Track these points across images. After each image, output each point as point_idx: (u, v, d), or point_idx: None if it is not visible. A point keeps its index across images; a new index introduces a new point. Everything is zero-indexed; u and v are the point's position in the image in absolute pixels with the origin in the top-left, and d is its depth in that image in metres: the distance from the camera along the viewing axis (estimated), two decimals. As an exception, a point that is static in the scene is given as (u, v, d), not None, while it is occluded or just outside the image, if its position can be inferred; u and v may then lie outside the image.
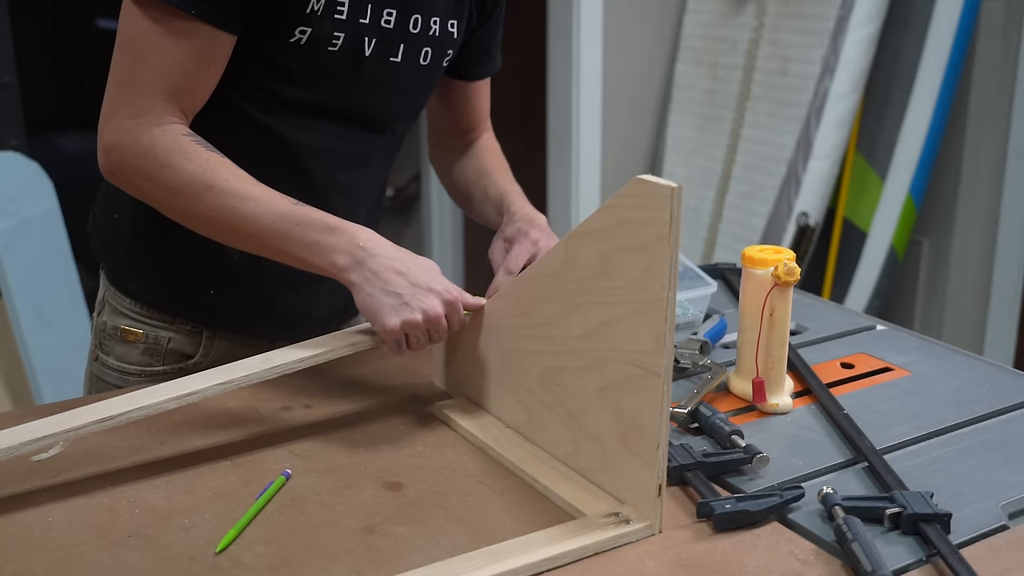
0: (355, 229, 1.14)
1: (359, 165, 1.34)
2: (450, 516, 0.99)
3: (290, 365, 1.11)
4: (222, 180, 1.13)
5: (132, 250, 1.33)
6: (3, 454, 0.98)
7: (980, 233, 2.93)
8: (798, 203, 2.83)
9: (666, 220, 0.90)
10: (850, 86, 2.77)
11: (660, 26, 3.24)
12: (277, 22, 1.16)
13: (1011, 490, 1.02)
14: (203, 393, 1.06)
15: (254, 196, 1.13)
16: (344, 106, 1.27)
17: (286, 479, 1.05)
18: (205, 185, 1.13)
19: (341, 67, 1.22)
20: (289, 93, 1.22)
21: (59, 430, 1.01)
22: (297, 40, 1.18)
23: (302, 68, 1.20)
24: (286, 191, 1.17)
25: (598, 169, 3.25)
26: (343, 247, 1.12)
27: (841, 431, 1.14)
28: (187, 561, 0.91)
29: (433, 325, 1.12)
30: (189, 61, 1.14)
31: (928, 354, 1.37)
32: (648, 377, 0.94)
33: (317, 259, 1.13)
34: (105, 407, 1.04)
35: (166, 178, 1.13)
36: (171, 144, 1.14)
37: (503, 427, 1.15)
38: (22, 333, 2.55)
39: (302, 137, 1.26)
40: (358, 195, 1.36)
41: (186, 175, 1.13)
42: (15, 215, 2.59)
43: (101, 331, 1.37)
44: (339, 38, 1.20)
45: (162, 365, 1.34)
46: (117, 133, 1.15)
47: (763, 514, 0.97)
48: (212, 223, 1.15)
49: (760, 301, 1.18)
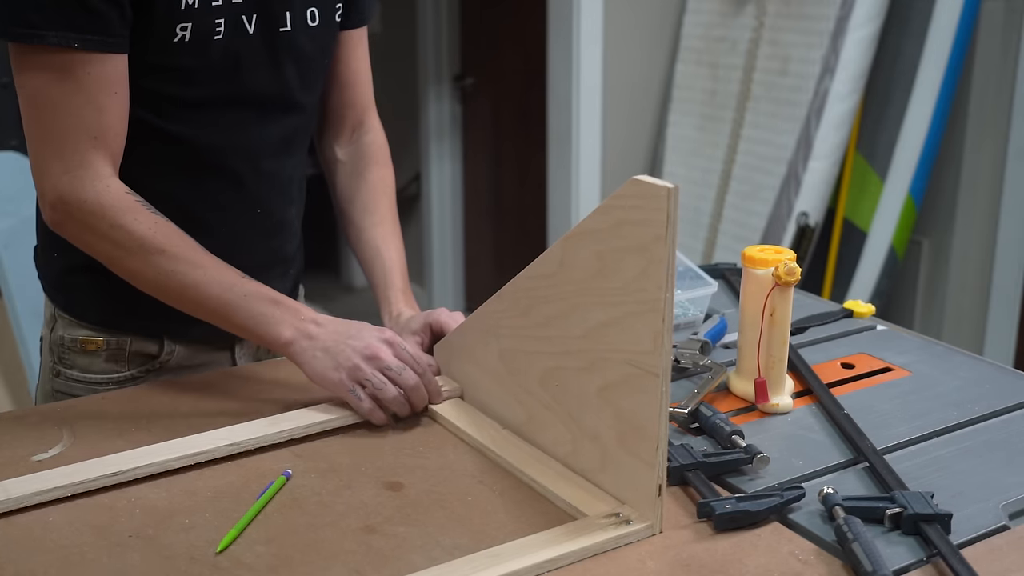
0: (298, 304, 1.19)
1: (282, 150, 1.32)
2: (450, 516, 0.99)
3: (297, 431, 1.14)
4: (173, 245, 1.15)
5: (75, 288, 1.33)
6: (14, 503, 0.99)
7: (980, 233, 2.93)
8: (798, 203, 2.83)
9: (663, 221, 0.90)
10: (850, 86, 2.77)
11: (660, 26, 3.24)
12: (156, 26, 1.15)
13: (1011, 490, 1.02)
14: (211, 453, 1.09)
15: (204, 264, 1.16)
16: (248, 92, 1.25)
17: (286, 479, 1.05)
18: (156, 249, 1.15)
19: (232, 53, 1.21)
20: (188, 94, 1.21)
21: (70, 482, 1.02)
22: (181, 39, 1.17)
23: (192, 65, 1.19)
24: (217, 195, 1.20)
25: (598, 169, 3.25)
26: (287, 320, 1.16)
27: (841, 431, 1.14)
28: (187, 561, 0.91)
29: (376, 363, 1.14)
30: (95, 95, 1.13)
31: (928, 354, 1.37)
32: (646, 377, 0.94)
33: (262, 331, 1.17)
34: (117, 461, 1.06)
35: (116, 237, 1.15)
36: (117, 203, 1.15)
37: (503, 427, 1.15)
38: (22, 333, 2.55)
39: (217, 137, 1.25)
40: (285, 180, 1.35)
41: (137, 236, 1.15)
42: (15, 215, 2.59)
43: (59, 346, 1.34)
44: (220, 24, 1.18)
45: (128, 370, 1.33)
46: (58, 189, 1.16)
47: (763, 514, 0.97)
48: (159, 287, 1.18)
49: (760, 301, 1.18)
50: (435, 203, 4.30)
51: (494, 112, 4.07)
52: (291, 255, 1.42)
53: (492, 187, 4.16)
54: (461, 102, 4.21)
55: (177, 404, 1.22)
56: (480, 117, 4.15)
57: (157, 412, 1.20)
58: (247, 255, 1.22)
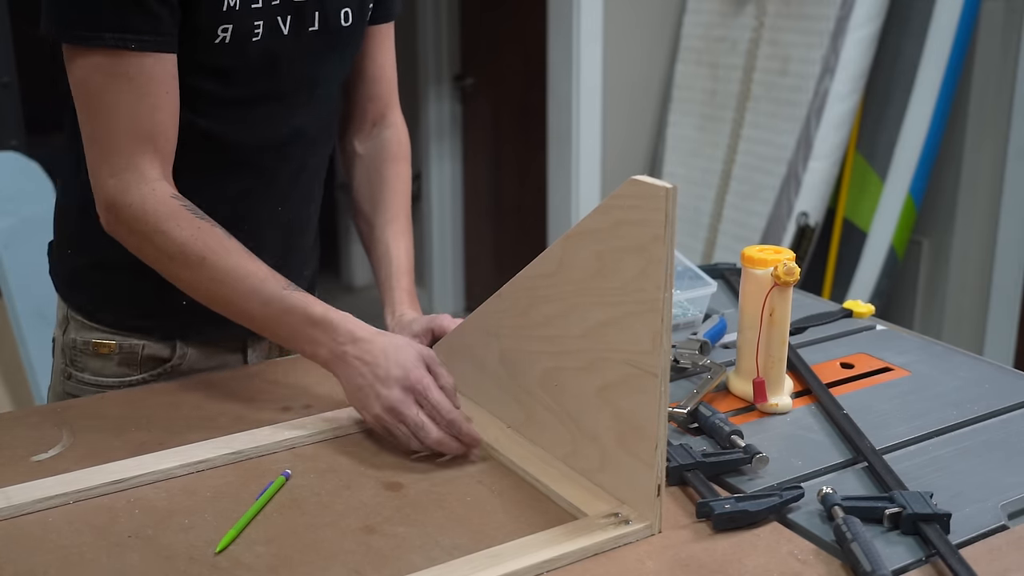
0: (336, 322, 1.14)
1: (306, 147, 1.33)
2: (450, 516, 0.99)
3: (302, 438, 1.14)
4: (213, 253, 1.14)
5: (89, 285, 1.33)
6: (16, 510, 0.99)
7: (980, 233, 2.93)
8: (798, 203, 2.84)
9: (661, 221, 0.90)
10: (850, 86, 2.77)
11: (660, 26, 3.24)
12: (200, 26, 1.16)
13: (1011, 490, 1.02)
14: (213, 462, 1.09)
15: (245, 274, 1.14)
16: (279, 90, 1.25)
17: (286, 479, 1.05)
18: (198, 257, 1.14)
19: (268, 54, 1.21)
20: (225, 93, 1.22)
21: (70, 490, 1.01)
22: (222, 40, 1.17)
23: (232, 65, 1.20)
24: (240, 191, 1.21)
25: (598, 169, 3.25)
26: (322, 341, 1.14)
27: (841, 431, 1.14)
28: (187, 561, 0.91)
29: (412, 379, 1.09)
30: (148, 94, 1.13)
31: (928, 354, 1.37)
32: (645, 378, 0.94)
33: (299, 347, 1.17)
34: (119, 468, 1.06)
35: (159, 242, 1.15)
36: (161, 208, 1.15)
37: (503, 427, 1.15)
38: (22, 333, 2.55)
39: (244, 134, 1.25)
40: (306, 177, 1.35)
41: (179, 243, 1.14)
42: (15, 215, 2.59)
43: (71, 348, 1.33)
44: (259, 27, 1.19)
45: (140, 373, 1.32)
46: (107, 192, 1.16)
47: (763, 514, 0.97)
48: (203, 296, 1.17)
49: (760, 301, 1.18)
50: (435, 203, 4.30)
51: (494, 112, 4.07)
52: (307, 254, 1.43)
53: (492, 187, 4.16)
54: (461, 102, 4.21)
55: (177, 404, 1.22)
56: (480, 117, 4.15)
57: (157, 412, 1.20)
58: (264, 252, 1.21)
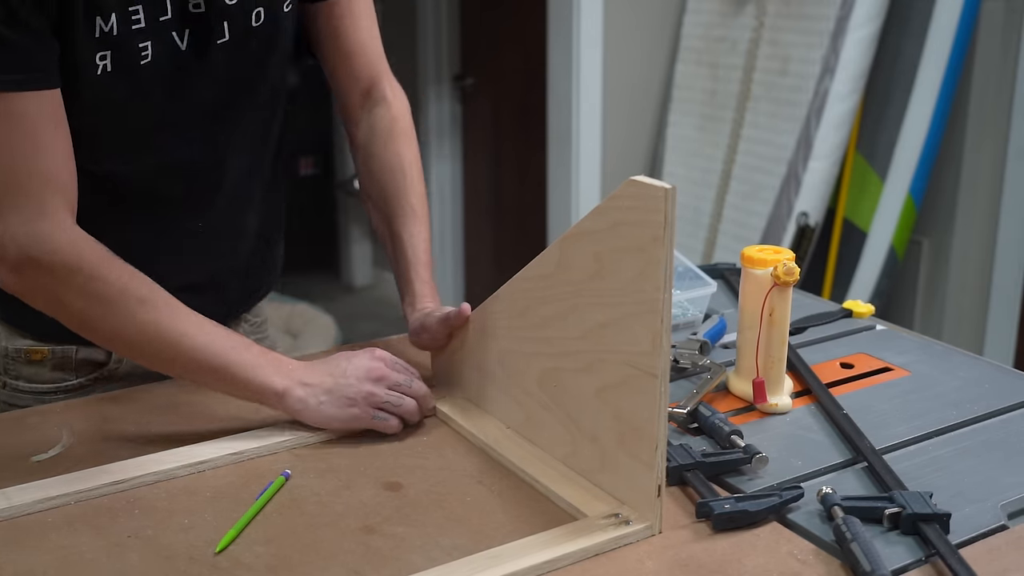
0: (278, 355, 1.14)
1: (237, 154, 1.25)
2: (450, 516, 0.99)
3: (302, 439, 1.13)
4: (151, 292, 1.08)
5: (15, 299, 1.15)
6: (16, 511, 0.99)
7: (980, 233, 2.93)
8: (798, 203, 2.84)
9: (660, 222, 0.90)
10: (850, 86, 2.77)
11: (660, 26, 3.24)
12: (76, 58, 1.07)
13: (1010, 490, 1.02)
14: (213, 462, 1.09)
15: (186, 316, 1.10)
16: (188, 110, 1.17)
17: (286, 479, 1.05)
18: (137, 299, 1.07)
19: (170, 74, 1.14)
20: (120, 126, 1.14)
21: (70, 490, 1.01)
22: (104, 68, 1.09)
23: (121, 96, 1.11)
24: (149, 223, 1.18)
25: (598, 169, 3.25)
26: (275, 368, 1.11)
27: (840, 431, 1.14)
28: (187, 561, 0.91)
29: (385, 382, 1.12)
30: (34, 134, 1.05)
31: (928, 354, 1.37)
32: (645, 378, 0.94)
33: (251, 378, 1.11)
34: (119, 468, 1.06)
35: (95, 289, 1.07)
36: (91, 255, 1.07)
37: (502, 427, 1.15)
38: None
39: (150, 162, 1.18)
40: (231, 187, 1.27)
41: (118, 287, 1.07)
42: None
43: (3, 357, 1.29)
44: (146, 47, 1.10)
45: (76, 378, 1.29)
46: (20, 244, 1.06)
47: (762, 514, 0.97)
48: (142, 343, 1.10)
49: (760, 301, 1.18)
50: (435, 203, 4.30)
51: (494, 112, 4.07)
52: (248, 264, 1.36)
53: (492, 187, 4.16)
54: (461, 102, 4.21)
55: (177, 404, 1.22)
56: (480, 117, 4.15)
57: (156, 412, 1.20)
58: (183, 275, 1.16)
